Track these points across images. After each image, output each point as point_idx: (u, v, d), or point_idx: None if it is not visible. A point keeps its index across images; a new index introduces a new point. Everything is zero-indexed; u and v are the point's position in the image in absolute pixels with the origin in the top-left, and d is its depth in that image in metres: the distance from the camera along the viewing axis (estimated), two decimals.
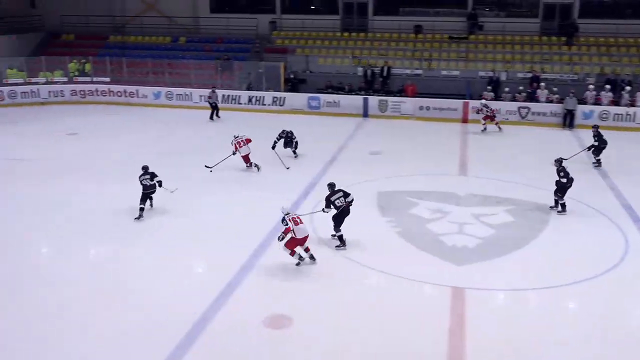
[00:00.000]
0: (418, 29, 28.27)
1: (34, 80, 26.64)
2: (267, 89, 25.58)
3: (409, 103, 23.58)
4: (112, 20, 31.89)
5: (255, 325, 9.16)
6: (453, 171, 17.00)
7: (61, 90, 26.59)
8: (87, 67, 27.49)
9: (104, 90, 26.65)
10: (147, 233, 12.59)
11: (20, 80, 26.49)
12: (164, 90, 26.02)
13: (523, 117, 22.55)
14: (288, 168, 16.94)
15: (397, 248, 11.96)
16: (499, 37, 27.47)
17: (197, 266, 11.44)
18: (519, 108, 22.67)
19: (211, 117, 23.73)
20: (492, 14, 28.88)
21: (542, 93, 23.05)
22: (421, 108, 23.36)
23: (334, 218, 11.82)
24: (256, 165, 16.73)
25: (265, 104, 25.05)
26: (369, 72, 25.71)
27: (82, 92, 26.72)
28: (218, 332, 9.06)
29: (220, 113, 24.05)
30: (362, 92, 24.98)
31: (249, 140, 16.60)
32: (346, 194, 11.79)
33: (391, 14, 29.03)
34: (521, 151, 18.47)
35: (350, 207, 11.80)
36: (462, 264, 11.24)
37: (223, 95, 25.30)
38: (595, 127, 17.56)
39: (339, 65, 27.03)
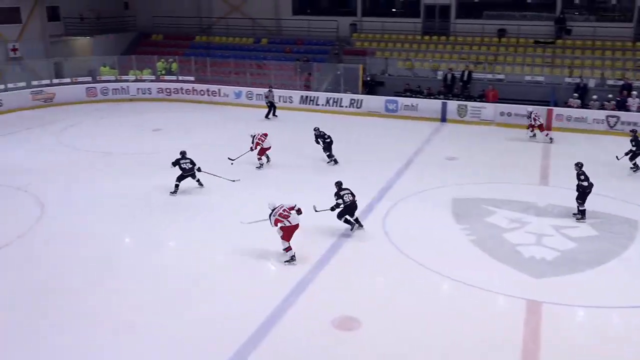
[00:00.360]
0: (502, 33, 27.48)
1: (124, 77, 28.04)
2: (345, 91, 25.65)
3: (489, 108, 22.95)
4: (198, 21, 33.04)
5: (324, 326, 9.20)
6: (533, 180, 16.39)
7: (149, 88, 27.83)
8: (174, 66, 28.59)
9: (188, 89, 27.61)
10: (221, 229, 12.93)
11: (112, 78, 27.98)
12: (244, 90, 26.65)
13: (611, 127, 21.42)
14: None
15: (470, 257, 11.68)
16: (588, 42, 26.23)
17: (270, 262, 11.62)
18: (608, 117, 21.55)
19: (267, 116, 24.18)
20: (581, 18, 27.62)
21: (633, 102, 21.80)
22: (502, 114, 22.67)
23: (341, 213, 12.39)
24: (261, 164, 17.33)
25: (342, 106, 25.14)
26: (448, 76, 25.24)
27: (167, 90, 27.82)
28: (287, 329, 9.18)
29: (299, 114, 24.39)
30: (441, 97, 24.55)
31: (265, 135, 17.34)
32: (352, 195, 12.39)
33: (474, 17, 28.37)
34: (608, 162, 17.57)
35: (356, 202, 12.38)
36: (539, 277, 10.81)
37: (301, 97, 25.64)
38: (634, 131, 17.00)
39: (418, 69, 26.70)
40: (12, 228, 12.91)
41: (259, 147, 17.14)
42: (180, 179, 14.93)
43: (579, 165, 13.58)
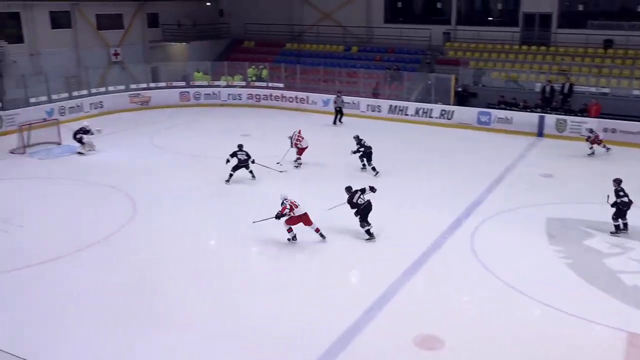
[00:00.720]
0: (608, 44, 26.10)
1: (216, 83, 29.06)
2: (435, 102, 25.26)
3: (591, 124, 21.80)
4: (290, 28, 33.72)
5: (405, 343, 9.03)
6: (638, 203, 15.36)
7: (239, 94, 28.66)
8: (264, 73, 29.31)
9: (277, 96, 28.20)
10: (307, 239, 13.04)
11: (205, 83, 29.07)
12: (333, 97, 26.81)
13: None
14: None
15: (565, 281, 11.10)
16: None
17: (352, 273, 11.57)
18: None
19: (334, 122, 24.55)
20: None
21: None
22: (606, 130, 21.44)
23: (358, 214, 12.63)
24: (299, 163, 18.22)
25: (432, 117, 24.76)
26: (547, 88, 24.24)
27: (257, 97, 28.54)
28: (366, 344, 9.08)
29: (387, 123, 24.31)
30: (539, 110, 23.62)
31: (300, 132, 18.35)
32: (363, 190, 12.71)
33: (578, 27, 27.11)
34: None
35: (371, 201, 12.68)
36: None
37: (390, 106, 25.51)
38: None
39: (514, 80, 25.86)
40: (105, 226, 13.62)
41: (297, 147, 18.18)
42: (235, 169, 16.46)
43: (617, 182, 13.32)
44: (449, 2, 29.95)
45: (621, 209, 13.05)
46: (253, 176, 16.79)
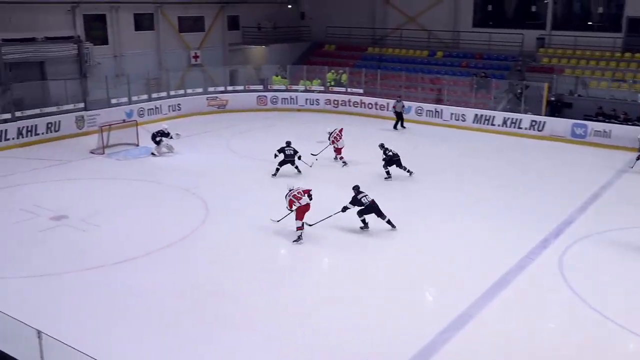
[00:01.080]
0: None
1: (294, 87, 29.48)
2: (525, 111, 24.50)
3: None
4: (372, 32, 33.76)
5: None
6: None
7: (317, 99, 28.93)
8: (344, 77, 29.45)
9: (356, 102, 28.24)
10: (384, 255, 12.96)
11: (283, 87, 29.55)
12: (414, 105, 26.60)
13: None
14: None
15: None
16: None
17: (428, 292, 11.38)
18: None
19: (395, 127, 24.66)
20: None
21: None
22: None
23: (360, 212, 13.52)
24: (344, 162, 19.33)
25: (521, 128, 24.02)
26: None
27: (335, 102, 28.70)
28: None
29: (471, 133, 23.87)
30: None
31: (341, 131, 19.46)
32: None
33: None
34: None
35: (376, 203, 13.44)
36: None
37: (476, 115, 25.00)
38: None
39: (614, 90, 24.69)
40: (178, 229, 14.09)
41: (334, 145, 19.29)
42: (282, 164, 17.86)
43: None
44: (545, 5, 29.08)
45: None
46: (299, 171, 18.13)
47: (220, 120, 26.69)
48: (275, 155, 17.90)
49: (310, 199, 13.12)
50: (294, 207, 13.12)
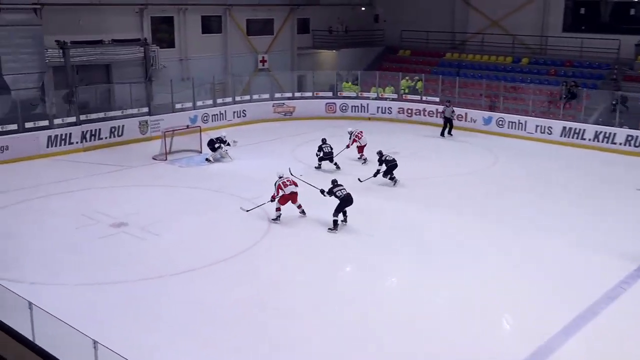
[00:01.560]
0: None
1: (365, 94, 29.49)
2: (620, 125, 23.56)
3: None
4: (451, 36, 33.42)
5: None
6: None
7: (389, 107, 28.80)
8: (419, 85, 29.22)
9: (431, 111, 27.92)
10: (464, 269, 12.75)
11: (353, 94, 29.62)
12: (495, 115, 26.08)
13: None
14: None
15: None
16: None
17: (505, 320, 11.10)
18: None
19: (442, 134, 25.06)
20: None
21: None
22: None
23: (336, 209, 14.75)
24: (364, 159, 21.08)
25: (615, 143, 23.11)
26: None
27: (409, 111, 28.49)
28: None
29: (558, 148, 23.26)
30: None
31: (362, 133, 21.42)
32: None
33: None
34: None
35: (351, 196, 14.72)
36: None
37: (564, 128, 24.25)
38: None
39: None
40: (238, 240, 14.33)
41: (355, 144, 21.17)
42: (321, 160, 20.14)
43: None
44: None
45: None
46: (338, 167, 20.15)
47: (287, 127, 26.99)
48: (317, 154, 20.23)
49: (296, 186, 15.27)
50: (280, 194, 15.02)
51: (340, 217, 14.90)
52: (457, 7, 33.57)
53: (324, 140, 20.56)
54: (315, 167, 20.23)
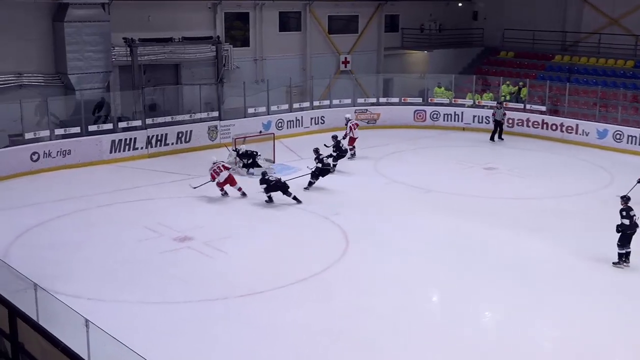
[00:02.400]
0: None
1: (459, 101, 29.17)
2: None
3: None
4: (561, 36, 32.64)
5: None
6: None
7: (487, 117, 28.11)
8: (523, 92, 28.63)
9: (536, 121, 27.34)
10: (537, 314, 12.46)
11: (446, 101, 29.33)
12: (611, 128, 25.25)
13: None
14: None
15: None
16: None
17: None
18: None
19: (492, 138, 25.28)
20: None
21: None
22: None
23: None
24: (353, 153, 23.14)
25: None
26: None
27: (510, 121, 27.87)
28: None
29: None
30: None
31: (357, 125, 23.73)
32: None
33: None
34: None
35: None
36: None
37: None
38: None
39: None
40: (312, 261, 14.49)
41: (350, 134, 22.91)
42: (336, 159, 21.74)
43: (624, 199, 14.04)
44: None
45: (623, 232, 13.78)
46: (333, 169, 21.39)
47: (370, 137, 26.94)
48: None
49: (229, 170, 18.62)
50: (216, 180, 18.35)
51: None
52: (569, 4, 32.81)
53: (335, 137, 21.94)
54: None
